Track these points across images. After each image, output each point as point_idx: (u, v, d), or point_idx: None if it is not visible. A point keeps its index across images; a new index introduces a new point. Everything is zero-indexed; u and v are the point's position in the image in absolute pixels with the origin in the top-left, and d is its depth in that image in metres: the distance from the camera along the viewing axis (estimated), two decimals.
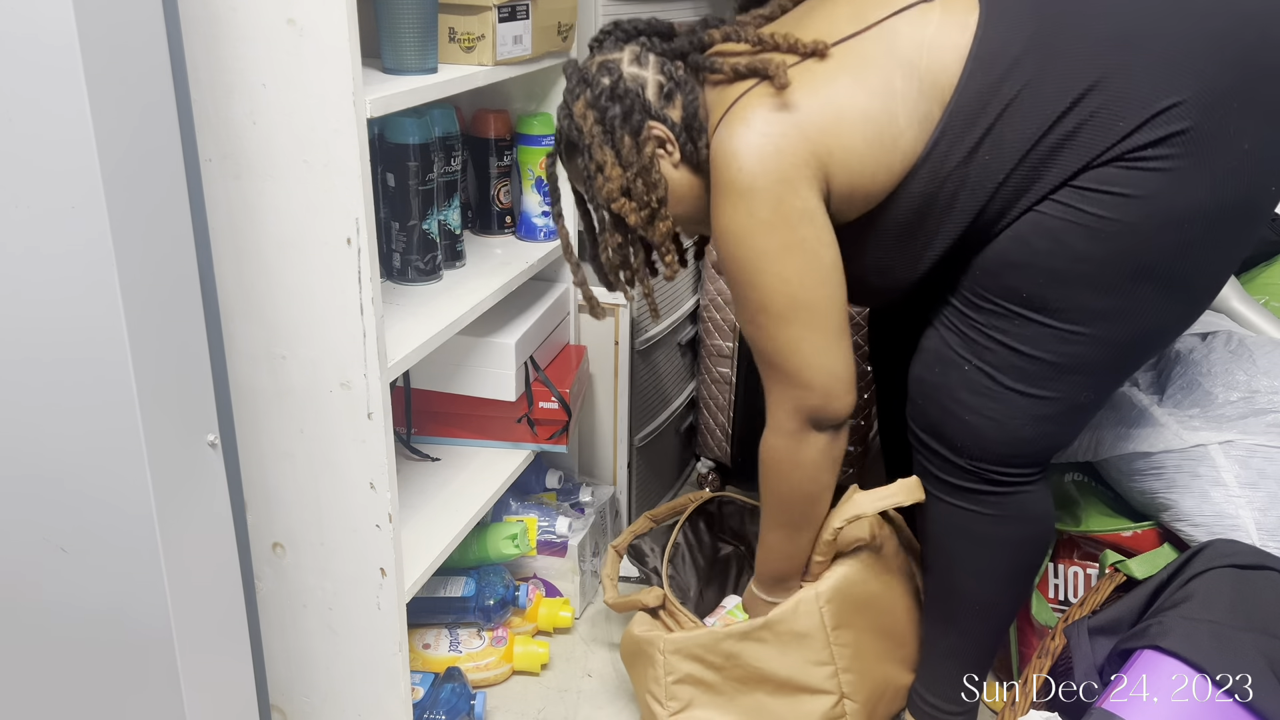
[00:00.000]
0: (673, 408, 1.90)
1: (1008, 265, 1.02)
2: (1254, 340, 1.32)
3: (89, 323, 0.86)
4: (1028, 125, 0.96)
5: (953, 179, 1.00)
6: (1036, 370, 1.05)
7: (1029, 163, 0.97)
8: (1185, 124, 0.92)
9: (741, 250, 1.04)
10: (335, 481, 1.15)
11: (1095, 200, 0.96)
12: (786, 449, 1.13)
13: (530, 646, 1.50)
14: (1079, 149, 0.95)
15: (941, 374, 1.11)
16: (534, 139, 1.49)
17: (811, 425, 1.11)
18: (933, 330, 1.13)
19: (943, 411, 1.12)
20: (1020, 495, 1.13)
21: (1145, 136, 0.93)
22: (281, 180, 1.03)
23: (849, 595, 1.26)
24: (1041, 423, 1.08)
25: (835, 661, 1.25)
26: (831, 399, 1.09)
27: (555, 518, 1.60)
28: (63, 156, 0.81)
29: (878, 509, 1.25)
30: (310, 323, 1.09)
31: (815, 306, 1.04)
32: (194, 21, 1.00)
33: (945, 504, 1.17)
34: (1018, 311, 1.03)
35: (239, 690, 1.08)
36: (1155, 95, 0.92)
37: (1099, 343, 1.02)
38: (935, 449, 1.15)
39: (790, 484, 1.16)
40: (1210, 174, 0.94)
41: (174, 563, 0.94)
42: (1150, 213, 0.95)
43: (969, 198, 1.01)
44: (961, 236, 1.04)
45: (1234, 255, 1.02)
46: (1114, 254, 0.97)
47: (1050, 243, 0.99)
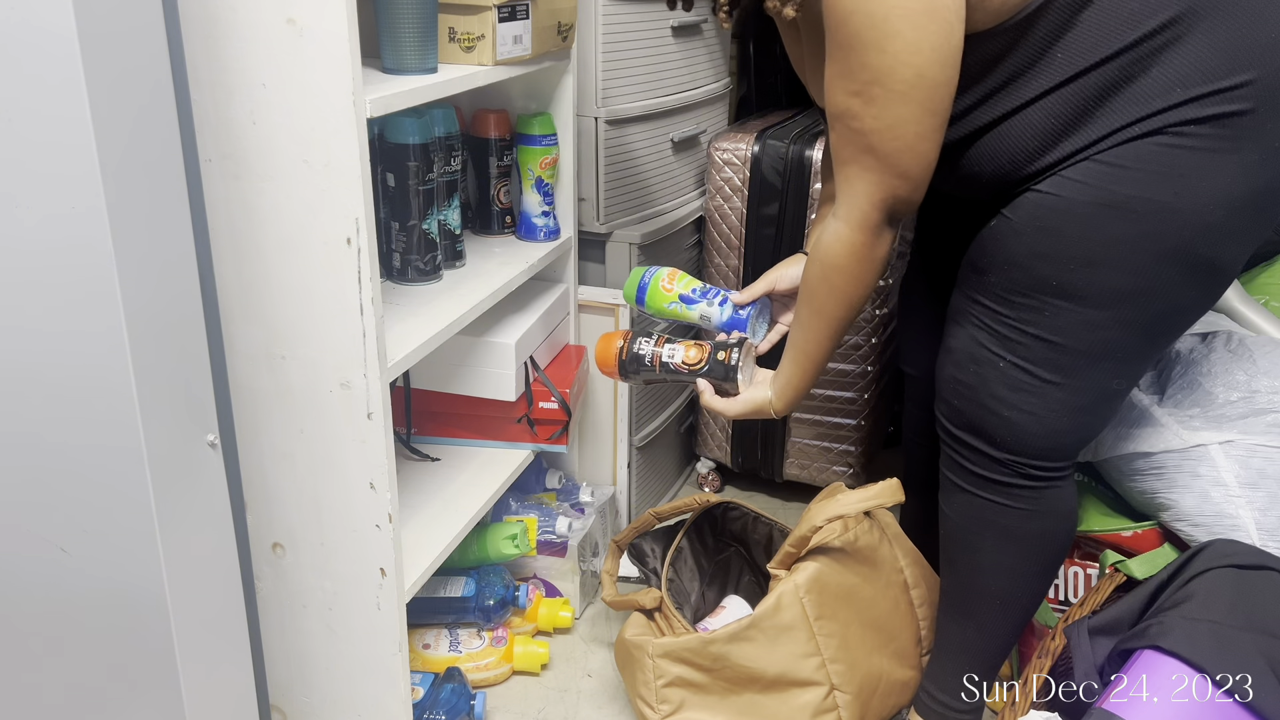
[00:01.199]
0: (673, 408, 1.90)
1: (1036, 256, 1.03)
2: (1254, 340, 1.32)
3: (89, 323, 0.86)
4: (1106, 29, 0.95)
5: (1035, 46, 0.98)
6: (1070, 361, 1.05)
7: (1093, 80, 0.96)
8: (1245, 105, 0.93)
9: (874, 2, 0.93)
10: (335, 481, 1.15)
11: (1128, 178, 0.96)
12: (866, 245, 1.05)
13: (530, 646, 1.50)
14: (1132, 99, 0.95)
15: (977, 373, 1.11)
16: (534, 139, 1.49)
17: (890, 221, 1.04)
18: (961, 330, 1.13)
19: (981, 409, 1.12)
20: (1052, 490, 1.14)
21: (1196, 111, 0.93)
22: (281, 180, 1.03)
23: (827, 586, 1.28)
24: (1078, 414, 1.08)
25: (822, 652, 1.26)
26: (919, 189, 1.01)
27: (555, 518, 1.60)
28: (63, 157, 0.81)
29: (860, 509, 1.27)
30: (310, 323, 1.09)
31: (938, 86, 0.96)
32: (194, 21, 1.00)
33: (976, 498, 1.16)
34: (1049, 302, 1.03)
35: (239, 690, 1.08)
36: (1227, 68, 0.92)
37: (1125, 326, 1.03)
38: (973, 445, 1.14)
39: (862, 284, 1.09)
40: (1242, 162, 0.95)
41: (174, 563, 0.94)
42: (1180, 191, 0.95)
43: (1039, 76, 0.98)
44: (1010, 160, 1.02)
45: (1249, 246, 1.03)
46: (1144, 235, 0.98)
47: (1081, 227, 0.99)
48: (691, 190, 1.90)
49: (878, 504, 1.29)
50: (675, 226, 1.76)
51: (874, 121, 0.97)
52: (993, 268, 1.07)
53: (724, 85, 1.94)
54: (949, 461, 1.19)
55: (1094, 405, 1.09)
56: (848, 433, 1.83)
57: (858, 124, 0.99)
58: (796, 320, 1.17)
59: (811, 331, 1.15)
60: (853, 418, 1.81)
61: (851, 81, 0.97)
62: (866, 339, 1.75)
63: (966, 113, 1.03)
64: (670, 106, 1.74)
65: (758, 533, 1.54)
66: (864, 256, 1.06)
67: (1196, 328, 1.40)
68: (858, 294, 1.10)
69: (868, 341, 1.75)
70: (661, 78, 1.71)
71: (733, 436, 1.92)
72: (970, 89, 1.02)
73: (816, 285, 1.12)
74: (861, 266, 1.07)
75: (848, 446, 1.84)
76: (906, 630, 1.37)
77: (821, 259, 1.10)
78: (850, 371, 1.78)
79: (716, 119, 1.94)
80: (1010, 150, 1.03)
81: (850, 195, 1.04)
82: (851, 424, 1.82)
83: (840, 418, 1.82)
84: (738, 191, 1.74)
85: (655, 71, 1.69)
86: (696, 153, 1.88)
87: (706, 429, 1.95)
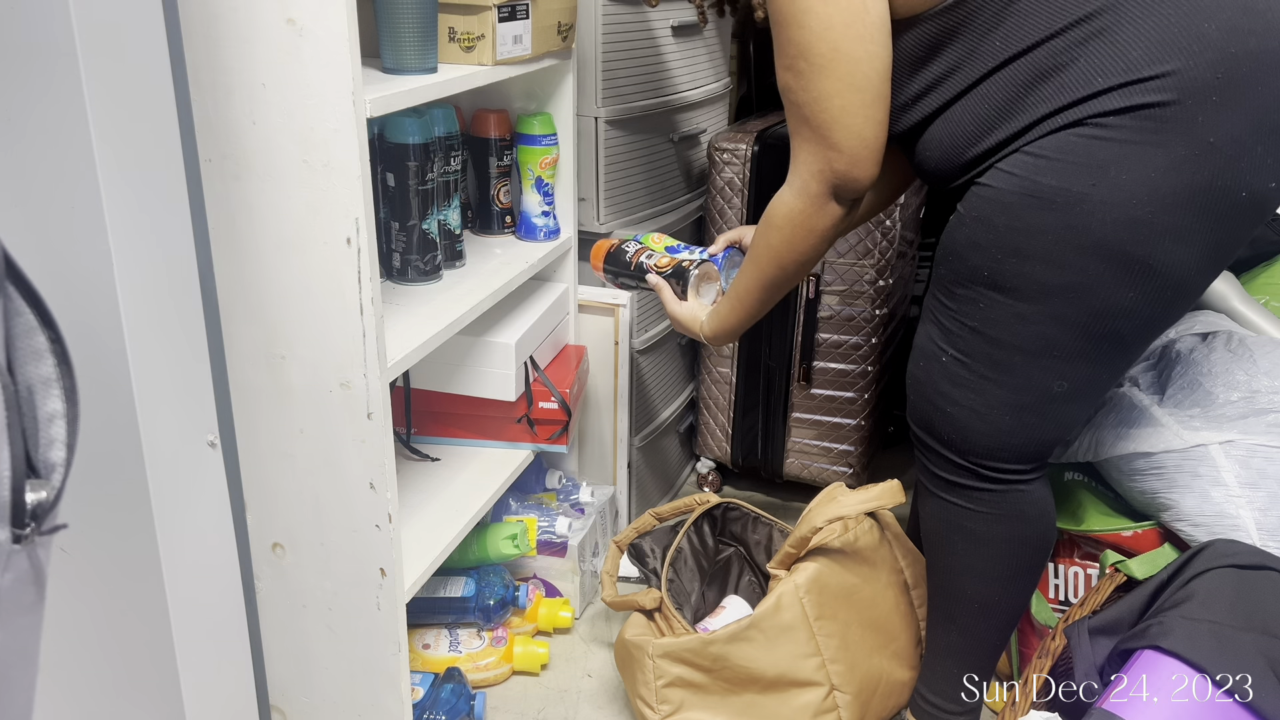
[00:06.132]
0: (673, 408, 1.90)
1: (972, 246, 1.04)
2: (1254, 340, 1.32)
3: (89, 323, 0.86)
4: (1038, 15, 0.96)
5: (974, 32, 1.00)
6: (1005, 357, 1.06)
7: (1024, 66, 0.98)
8: (1166, 97, 0.92)
9: None
10: (335, 481, 1.15)
11: (1050, 169, 0.97)
12: (803, 213, 1.10)
13: (530, 647, 1.50)
14: (1058, 88, 0.96)
15: (925, 368, 1.13)
16: (534, 139, 1.49)
17: (833, 194, 1.07)
18: (920, 326, 1.16)
19: (929, 405, 1.14)
20: (1015, 493, 1.14)
21: (1116, 102, 0.94)
22: (281, 180, 1.03)
23: (827, 586, 1.28)
24: (1021, 413, 1.08)
25: (822, 652, 1.26)
26: (856, 164, 1.04)
27: (555, 518, 1.60)
28: (62, 157, 0.81)
29: (859, 510, 1.28)
30: (310, 323, 1.09)
31: (856, 61, 1.00)
32: (194, 21, 1.00)
33: (943, 501, 1.18)
34: (982, 293, 1.05)
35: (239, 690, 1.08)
36: (1149, 58, 0.92)
37: (1058, 322, 1.02)
38: (929, 444, 1.16)
39: (794, 249, 1.13)
40: (1169, 156, 0.94)
41: (174, 563, 0.94)
42: (1098, 182, 0.95)
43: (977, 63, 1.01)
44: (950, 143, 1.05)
45: (1206, 250, 0.99)
46: (1065, 227, 0.98)
47: (1008, 218, 1.00)
48: (691, 190, 1.90)
49: (878, 505, 1.29)
50: (675, 226, 1.76)
51: (803, 94, 1.03)
52: (942, 260, 1.10)
53: (724, 85, 1.94)
54: (919, 464, 1.21)
55: (1037, 406, 1.08)
56: (848, 433, 1.83)
57: (793, 96, 1.05)
58: (742, 264, 1.23)
59: (746, 277, 1.21)
60: (853, 418, 1.81)
61: (783, 56, 1.04)
62: (866, 339, 1.75)
63: (917, 99, 1.06)
64: (670, 106, 1.74)
65: (758, 533, 1.54)
66: (799, 224, 1.10)
67: (1197, 328, 1.40)
68: (790, 258, 1.14)
69: (868, 341, 1.75)
70: (661, 78, 1.71)
71: (733, 436, 1.92)
72: (916, 74, 1.05)
73: (758, 238, 1.17)
74: (796, 232, 1.11)
75: (848, 446, 1.84)
76: (906, 631, 1.37)
77: (766, 216, 1.15)
78: (850, 371, 1.78)
79: (716, 119, 1.94)
80: (952, 136, 1.05)
81: (794, 164, 1.09)
82: (851, 424, 1.82)
83: (840, 418, 1.82)
84: (738, 192, 1.74)
85: (655, 71, 1.69)
86: (697, 153, 1.89)
87: (706, 429, 1.95)
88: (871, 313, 1.73)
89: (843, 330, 1.75)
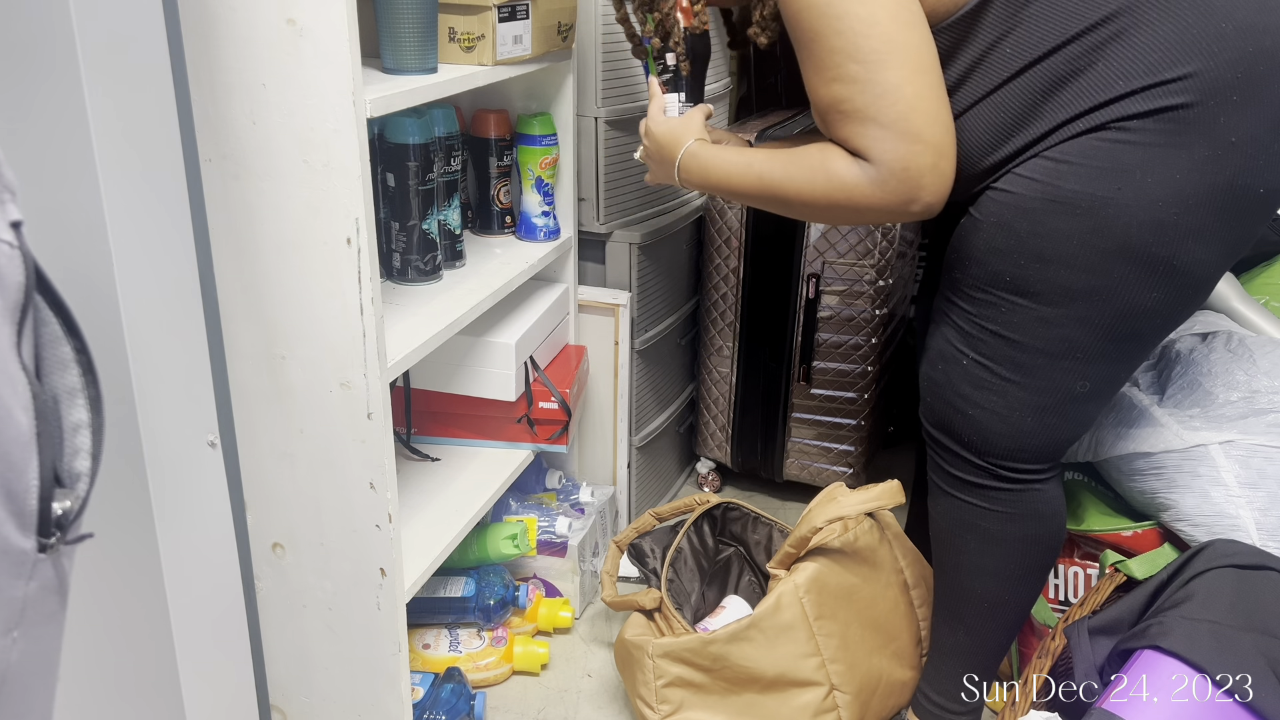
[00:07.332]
0: (673, 408, 1.90)
1: (991, 251, 1.04)
2: (1254, 340, 1.32)
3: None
4: (1051, 23, 0.96)
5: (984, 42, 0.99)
6: (1028, 359, 1.06)
7: (1040, 72, 0.97)
8: (1187, 99, 0.92)
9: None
10: (335, 481, 1.15)
11: (1073, 174, 0.97)
12: (867, 199, 0.99)
13: (530, 646, 1.50)
14: (1077, 93, 0.96)
15: (944, 370, 1.13)
16: (534, 139, 1.49)
17: (915, 193, 0.98)
18: (936, 328, 1.15)
19: (949, 407, 1.13)
20: (1031, 493, 1.14)
21: (1137, 105, 0.94)
22: (281, 180, 1.03)
23: (827, 585, 1.28)
24: (1042, 414, 1.08)
25: (821, 652, 1.26)
26: (943, 158, 0.97)
27: (555, 518, 1.60)
28: (62, 157, 0.81)
29: (859, 510, 1.28)
30: (310, 323, 1.09)
31: (914, 46, 0.96)
32: (193, 21, 1.00)
33: (956, 500, 1.18)
34: (1004, 298, 1.04)
35: (239, 690, 1.08)
36: (1167, 61, 0.92)
37: (1083, 324, 1.02)
38: (946, 445, 1.16)
39: (829, 213, 1.05)
40: (1191, 157, 0.94)
41: (174, 563, 0.94)
42: (1123, 186, 0.95)
43: (990, 72, 1.00)
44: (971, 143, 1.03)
45: (1225, 248, 1.01)
46: (1090, 232, 0.98)
47: (1030, 223, 1.00)
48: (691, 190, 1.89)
49: (878, 506, 1.29)
50: (675, 226, 1.76)
51: (865, 96, 0.96)
52: (958, 265, 1.09)
53: (724, 85, 1.94)
54: (932, 463, 1.21)
55: (1059, 407, 1.08)
56: (848, 433, 1.83)
57: (852, 104, 0.98)
58: (771, 160, 1.09)
59: (762, 171, 1.09)
60: (853, 418, 1.81)
61: (825, 70, 0.98)
62: (866, 339, 1.75)
63: None
64: None
65: (758, 533, 1.54)
66: (857, 206, 1.01)
67: (1196, 328, 1.40)
68: (815, 211, 1.05)
69: (868, 341, 1.75)
70: None
71: (733, 436, 1.92)
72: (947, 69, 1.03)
73: (802, 167, 1.05)
74: (844, 210, 1.03)
75: (848, 446, 1.84)
76: (906, 630, 1.37)
77: (826, 167, 1.03)
78: (850, 371, 1.78)
79: (716, 119, 1.94)
80: (966, 145, 1.04)
81: (871, 157, 0.99)
82: (851, 424, 1.82)
83: (840, 418, 1.82)
84: None
85: None
86: None
87: (706, 429, 1.95)
88: (871, 313, 1.73)
89: (843, 330, 1.76)
